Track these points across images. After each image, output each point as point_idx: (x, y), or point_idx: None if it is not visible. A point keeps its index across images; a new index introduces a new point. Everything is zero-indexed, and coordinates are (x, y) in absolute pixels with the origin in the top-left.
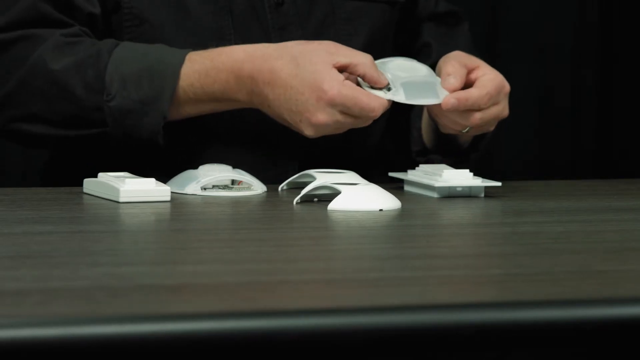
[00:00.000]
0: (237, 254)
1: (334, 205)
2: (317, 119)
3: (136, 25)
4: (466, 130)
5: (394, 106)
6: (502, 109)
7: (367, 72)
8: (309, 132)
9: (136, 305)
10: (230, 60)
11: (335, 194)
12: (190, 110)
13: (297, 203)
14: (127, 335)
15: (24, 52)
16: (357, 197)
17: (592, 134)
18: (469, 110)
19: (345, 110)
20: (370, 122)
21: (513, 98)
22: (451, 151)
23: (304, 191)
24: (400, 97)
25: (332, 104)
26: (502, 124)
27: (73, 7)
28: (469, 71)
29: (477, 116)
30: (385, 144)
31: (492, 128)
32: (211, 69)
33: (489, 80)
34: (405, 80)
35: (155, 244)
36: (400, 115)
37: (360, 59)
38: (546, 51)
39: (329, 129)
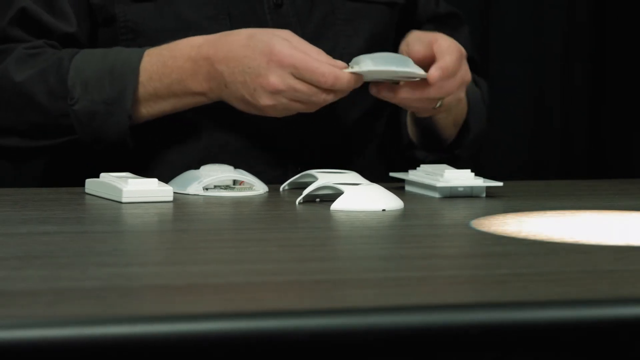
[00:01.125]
0: (243, 255)
1: (336, 205)
2: (269, 82)
3: (131, 39)
4: (438, 104)
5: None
6: (464, 72)
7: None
8: (265, 100)
9: (148, 305)
10: (187, 47)
11: (337, 194)
12: (152, 109)
13: (299, 203)
14: (140, 336)
15: None
16: (360, 197)
17: (584, 134)
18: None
19: (296, 74)
20: (326, 97)
21: (505, 99)
22: (435, 146)
23: (306, 191)
24: (367, 65)
25: (282, 65)
26: (494, 125)
27: (46, 29)
28: (431, 44)
29: (452, 83)
30: (386, 144)
31: (462, 94)
32: (169, 58)
33: (453, 46)
34: (373, 54)
35: (161, 244)
36: (396, 111)
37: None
38: (537, 53)
39: (285, 98)
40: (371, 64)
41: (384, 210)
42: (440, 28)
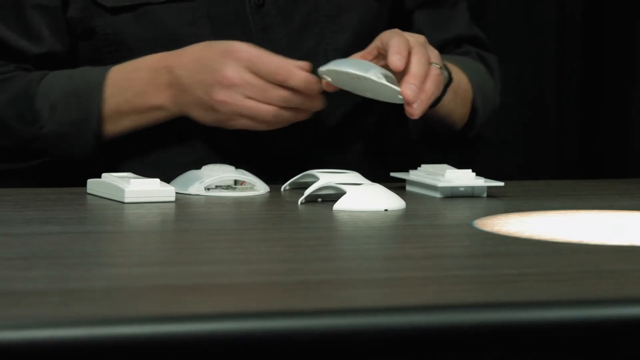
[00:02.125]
0: (248, 255)
1: (339, 205)
2: (224, 76)
3: (114, 50)
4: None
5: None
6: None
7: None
8: (220, 95)
9: (156, 306)
10: (149, 59)
11: (339, 194)
12: (116, 126)
13: (301, 203)
14: (150, 336)
15: None
16: (362, 197)
17: (578, 134)
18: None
19: (251, 68)
20: (280, 93)
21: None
22: (446, 133)
23: (308, 191)
24: (326, 65)
25: (238, 59)
26: (489, 124)
27: (19, 53)
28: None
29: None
30: (385, 144)
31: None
32: (131, 71)
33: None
34: (345, 59)
35: (166, 244)
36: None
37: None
38: (533, 52)
39: (239, 94)
40: (331, 65)
41: (386, 210)
42: (435, 10)
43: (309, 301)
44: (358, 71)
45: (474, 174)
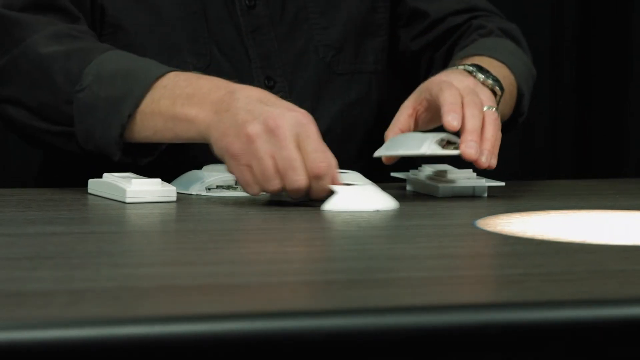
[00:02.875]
0: (253, 255)
1: (328, 205)
2: (273, 117)
3: (111, 33)
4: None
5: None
6: (477, 100)
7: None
8: (252, 128)
9: (164, 306)
10: (221, 80)
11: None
12: (143, 125)
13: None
14: (158, 337)
15: (23, 34)
16: (353, 197)
17: (572, 132)
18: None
19: (302, 137)
20: (299, 180)
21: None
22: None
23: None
24: (383, 150)
25: (300, 122)
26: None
27: (72, 14)
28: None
29: (477, 116)
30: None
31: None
32: (197, 77)
33: (453, 96)
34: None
35: (171, 244)
36: None
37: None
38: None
39: (267, 143)
40: (385, 149)
41: (377, 210)
42: None
43: (319, 301)
44: (412, 150)
45: (475, 173)
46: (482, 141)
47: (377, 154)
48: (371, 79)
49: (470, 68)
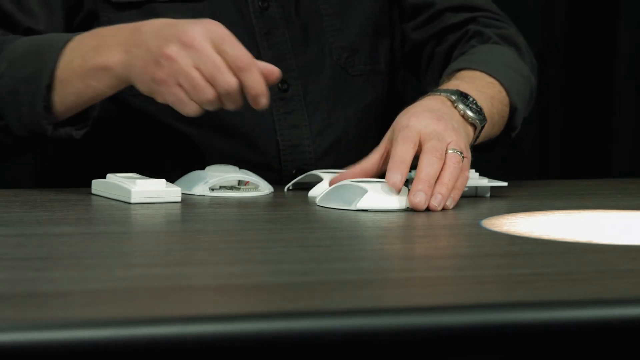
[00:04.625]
0: (266, 255)
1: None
2: (186, 33)
3: None
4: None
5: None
6: (436, 143)
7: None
8: (170, 49)
9: (183, 306)
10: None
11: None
12: (63, 93)
13: (288, 190)
14: (177, 337)
15: None
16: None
17: (560, 134)
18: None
19: (218, 44)
20: (230, 79)
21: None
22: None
23: (319, 187)
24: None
25: (209, 29)
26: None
27: (10, 20)
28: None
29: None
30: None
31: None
32: (101, 30)
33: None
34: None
35: (180, 244)
36: None
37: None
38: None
39: (190, 59)
40: (320, 198)
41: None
42: None
43: (335, 301)
44: (344, 205)
45: (477, 173)
46: (437, 185)
47: (317, 201)
48: (384, 80)
49: (454, 97)
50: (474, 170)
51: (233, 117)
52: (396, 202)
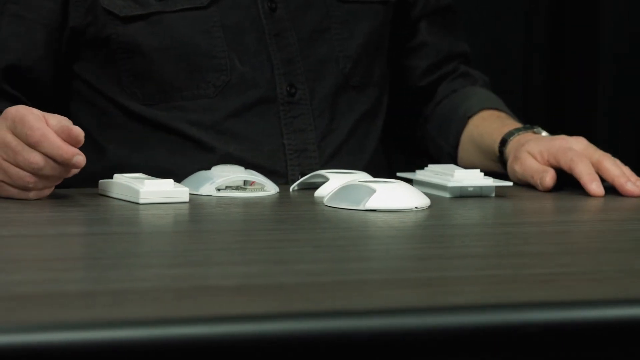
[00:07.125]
0: (282, 255)
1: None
2: None
3: (128, 58)
4: None
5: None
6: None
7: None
8: None
9: (206, 306)
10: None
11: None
12: None
13: (293, 190)
14: (204, 337)
15: None
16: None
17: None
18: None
19: (13, 129)
20: (31, 157)
21: None
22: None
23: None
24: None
25: (6, 119)
26: None
27: None
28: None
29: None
30: (384, 145)
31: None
32: None
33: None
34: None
35: (196, 244)
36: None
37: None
38: (497, 53)
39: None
40: (329, 198)
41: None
42: (436, 23)
43: (355, 301)
44: (352, 205)
45: (482, 173)
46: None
47: (325, 201)
48: (376, 93)
49: (536, 129)
50: (478, 170)
51: (239, 122)
52: (404, 202)
